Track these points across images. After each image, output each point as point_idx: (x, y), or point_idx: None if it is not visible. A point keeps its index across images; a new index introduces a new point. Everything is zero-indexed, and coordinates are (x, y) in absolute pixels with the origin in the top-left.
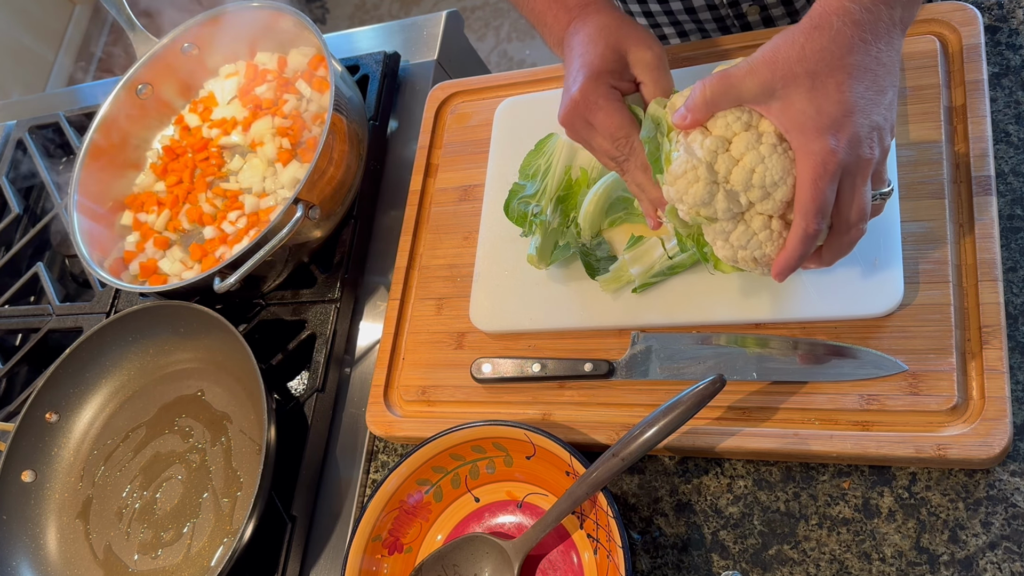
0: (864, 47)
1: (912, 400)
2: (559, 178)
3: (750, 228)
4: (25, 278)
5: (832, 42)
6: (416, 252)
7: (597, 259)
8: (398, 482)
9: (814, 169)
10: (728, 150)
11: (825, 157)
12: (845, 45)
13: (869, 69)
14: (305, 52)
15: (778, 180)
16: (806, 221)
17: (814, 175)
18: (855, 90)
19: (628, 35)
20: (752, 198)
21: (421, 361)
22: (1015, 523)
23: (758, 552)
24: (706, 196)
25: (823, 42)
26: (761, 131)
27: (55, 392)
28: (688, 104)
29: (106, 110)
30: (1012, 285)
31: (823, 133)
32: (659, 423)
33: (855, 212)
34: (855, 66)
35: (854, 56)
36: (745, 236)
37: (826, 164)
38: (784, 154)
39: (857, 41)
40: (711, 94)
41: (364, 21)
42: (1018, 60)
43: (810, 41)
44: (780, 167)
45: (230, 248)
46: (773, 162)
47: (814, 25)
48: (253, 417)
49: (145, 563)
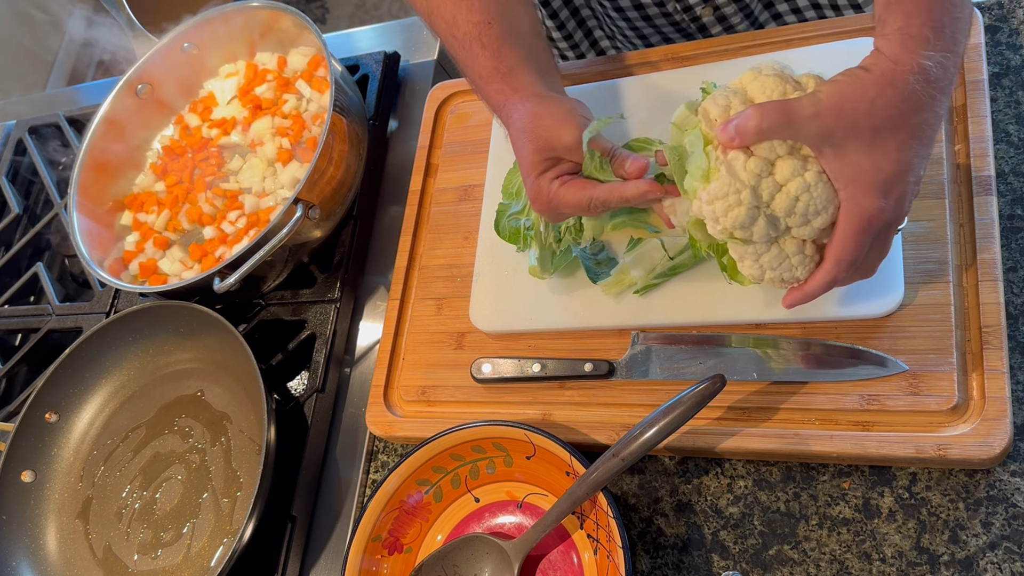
0: (932, 105)
1: (912, 400)
2: None
3: (784, 251)
4: (25, 278)
5: (903, 101)
6: (416, 252)
7: (597, 263)
8: (398, 482)
9: (859, 223)
10: (772, 174)
11: (873, 214)
12: (916, 105)
13: (930, 125)
14: (305, 52)
15: (821, 209)
16: (838, 269)
17: (857, 228)
18: (914, 149)
19: (547, 126)
20: (791, 223)
21: (421, 361)
22: (1015, 523)
23: (758, 552)
24: (747, 220)
25: (895, 100)
26: (805, 155)
27: (55, 392)
28: (738, 126)
29: (106, 110)
30: (1012, 285)
31: (875, 190)
32: (659, 423)
33: (878, 257)
34: (918, 126)
35: (920, 115)
36: (778, 259)
37: (872, 221)
38: (828, 183)
39: (927, 100)
40: (767, 126)
41: (364, 21)
42: (1018, 60)
43: (881, 97)
44: (825, 196)
45: (230, 248)
46: (819, 191)
47: (888, 81)
48: (253, 417)
49: (145, 563)
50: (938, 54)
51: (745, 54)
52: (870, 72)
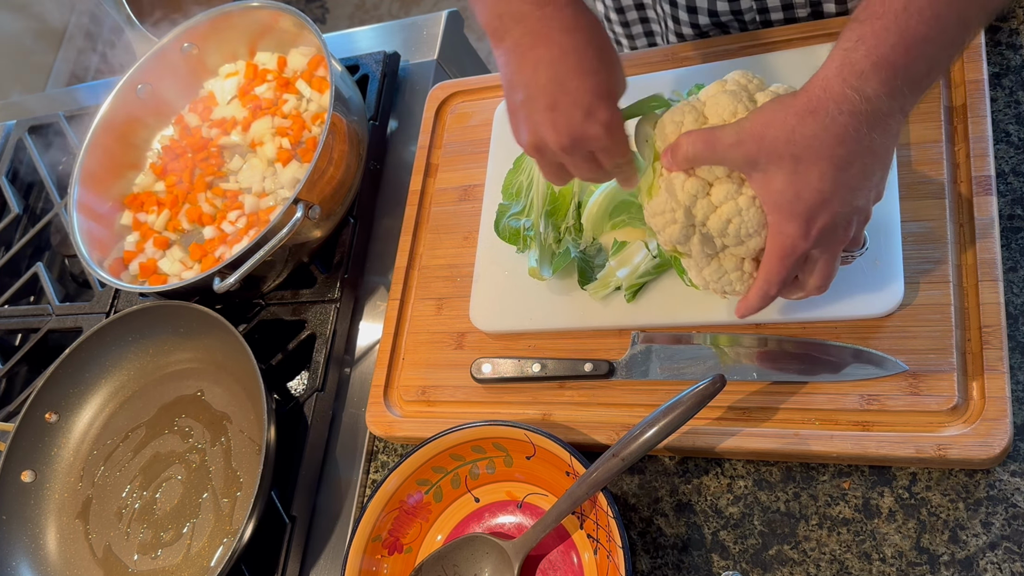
0: (857, 138)
1: (912, 400)
2: (543, 193)
3: (723, 266)
4: (25, 278)
5: (824, 130)
6: (416, 252)
7: (592, 267)
8: (398, 482)
9: (782, 249)
10: (709, 194)
11: (795, 242)
12: (837, 135)
13: (858, 159)
14: (305, 52)
15: (753, 232)
16: (767, 285)
17: (781, 254)
18: (838, 180)
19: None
20: (727, 242)
21: (421, 361)
22: (1015, 523)
23: (758, 552)
24: (682, 238)
25: (815, 129)
26: (742, 178)
27: (55, 392)
28: (672, 152)
29: (106, 110)
30: (1012, 285)
31: (797, 218)
32: (659, 423)
33: (817, 280)
34: (843, 157)
35: (845, 147)
36: (717, 273)
37: (795, 248)
38: (761, 208)
39: (851, 131)
40: (693, 153)
41: (364, 21)
42: (1018, 60)
43: (801, 125)
44: (756, 221)
45: (230, 248)
46: (750, 215)
47: (809, 109)
48: (253, 417)
49: (145, 563)
50: (875, 88)
51: (744, 54)
52: (796, 98)
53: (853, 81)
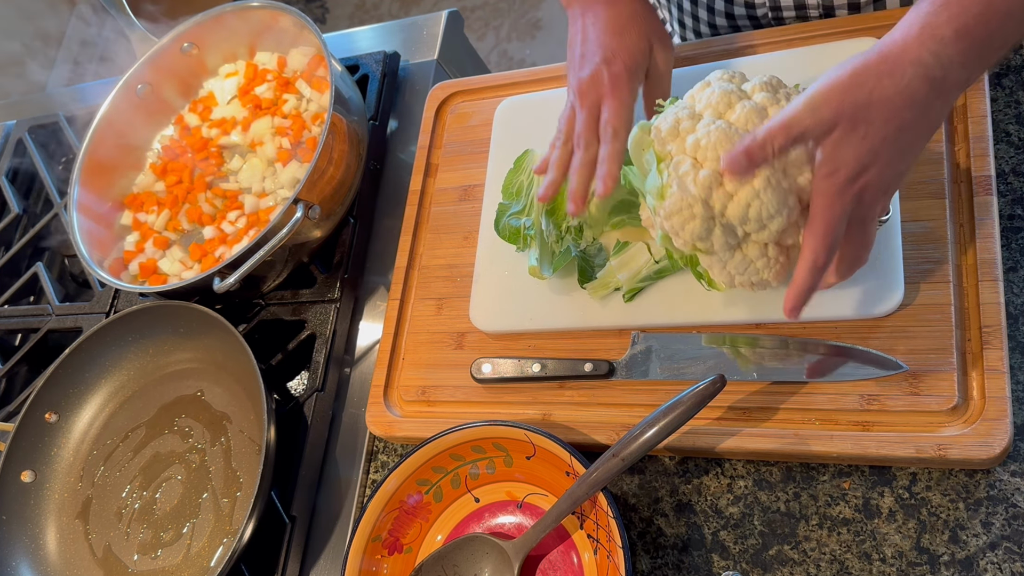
0: (925, 103)
1: (912, 400)
2: None
3: (747, 256)
4: (25, 278)
5: (898, 93)
6: (416, 252)
7: (592, 267)
8: (398, 482)
9: (831, 209)
10: (722, 184)
11: (845, 201)
12: (908, 99)
13: (918, 124)
14: (305, 52)
15: (774, 212)
16: (815, 254)
17: (830, 215)
18: (897, 143)
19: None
20: (748, 229)
21: (421, 361)
22: (1015, 523)
23: (758, 552)
24: (703, 232)
25: (890, 91)
26: None
27: (55, 392)
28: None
29: (106, 110)
30: (1012, 285)
31: (849, 178)
32: (659, 423)
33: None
34: (907, 121)
35: (911, 111)
36: (743, 264)
37: (844, 207)
38: (778, 186)
39: (920, 96)
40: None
41: (364, 21)
42: (1018, 60)
43: (879, 87)
44: (776, 201)
45: (230, 248)
46: (768, 196)
47: (887, 71)
48: (253, 417)
49: (145, 563)
50: (952, 56)
51: (743, 54)
52: (870, 60)
53: (932, 46)
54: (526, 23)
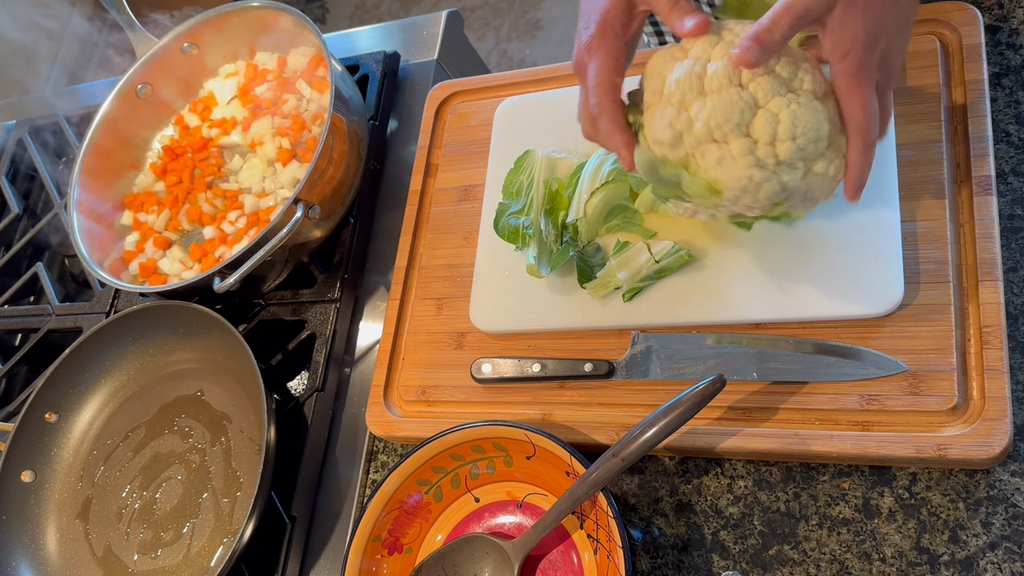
0: None
1: (912, 400)
2: (543, 192)
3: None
4: (25, 278)
5: None
6: (416, 252)
7: (591, 266)
8: (398, 482)
9: (859, 86)
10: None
11: (870, 73)
12: None
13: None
14: (305, 52)
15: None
16: (862, 133)
17: (861, 93)
18: (895, 10)
19: None
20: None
21: (421, 361)
22: (1015, 523)
23: (758, 552)
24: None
25: None
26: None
27: (55, 392)
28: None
29: (106, 110)
30: (1012, 285)
31: (865, 50)
32: (659, 423)
33: (886, 114)
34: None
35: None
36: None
37: (870, 80)
38: (804, 104)
39: None
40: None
41: (364, 21)
42: (1018, 60)
43: None
44: (807, 114)
45: (230, 248)
46: (801, 115)
47: None
48: (253, 417)
49: (145, 563)
50: None
51: None
52: None
53: None
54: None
